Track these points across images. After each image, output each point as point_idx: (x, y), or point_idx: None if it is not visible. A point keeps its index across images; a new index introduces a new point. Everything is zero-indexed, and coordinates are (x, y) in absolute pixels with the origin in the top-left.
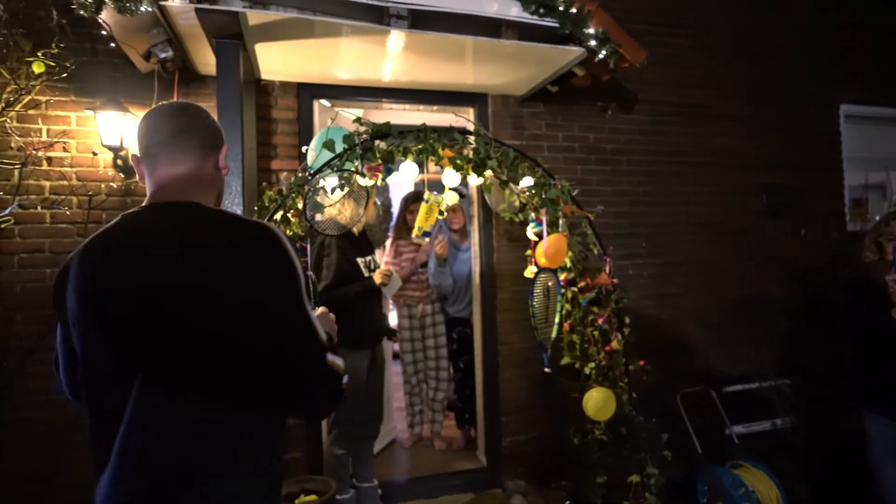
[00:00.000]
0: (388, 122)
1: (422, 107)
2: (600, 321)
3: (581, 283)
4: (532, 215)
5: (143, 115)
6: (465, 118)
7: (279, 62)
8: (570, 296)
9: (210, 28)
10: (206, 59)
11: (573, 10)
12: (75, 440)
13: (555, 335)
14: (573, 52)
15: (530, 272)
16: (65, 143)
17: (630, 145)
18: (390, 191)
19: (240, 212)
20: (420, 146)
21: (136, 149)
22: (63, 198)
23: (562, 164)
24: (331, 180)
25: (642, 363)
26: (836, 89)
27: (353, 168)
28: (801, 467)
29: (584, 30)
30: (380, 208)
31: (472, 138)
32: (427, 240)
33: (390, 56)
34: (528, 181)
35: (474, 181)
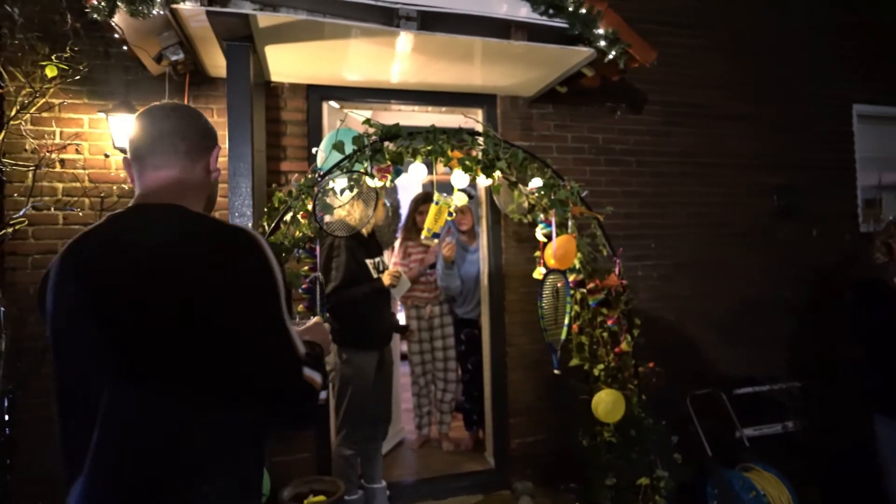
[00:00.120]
0: (397, 124)
1: (430, 108)
2: (609, 323)
3: (590, 285)
4: (541, 216)
5: (135, 117)
6: (473, 119)
7: (289, 64)
8: (578, 297)
9: (221, 30)
10: (217, 62)
11: (583, 11)
12: None
13: (564, 337)
14: (583, 52)
15: (539, 273)
16: (77, 145)
17: (639, 146)
18: (399, 192)
19: (250, 213)
20: (429, 147)
21: None
22: (76, 199)
23: (571, 165)
24: (340, 182)
25: (651, 365)
26: (848, 89)
27: (362, 169)
28: (813, 470)
29: (594, 30)
30: (389, 209)
31: (481, 139)
32: (436, 241)
33: (399, 57)
34: (537, 182)
35: (483, 182)
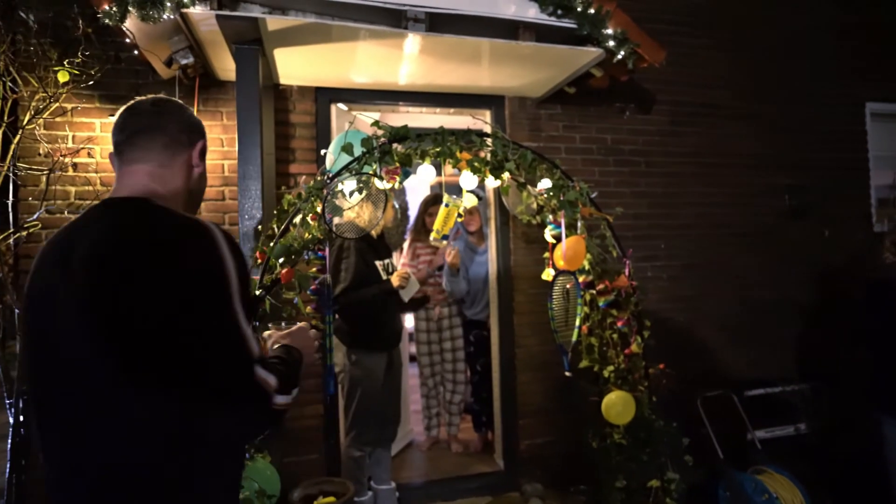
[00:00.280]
0: (405, 126)
1: (438, 109)
2: (620, 324)
3: (600, 286)
4: (550, 217)
5: (118, 111)
6: (482, 120)
7: (297, 67)
8: (588, 298)
9: (230, 34)
10: (226, 65)
11: (591, 11)
12: None
13: (575, 339)
14: (591, 52)
15: (548, 275)
16: (90, 149)
17: (648, 146)
18: (407, 194)
19: (259, 215)
20: (438, 149)
21: None
22: (88, 203)
23: (579, 166)
24: (349, 184)
25: (662, 366)
26: (861, 87)
27: (371, 171)
28: (826, 473)
29: (603, 30)
30: (398, 211)
31: (489, 140)
32: (445, 243)
33: (407, 59)
34: (546, 183)
35: (491, 183)
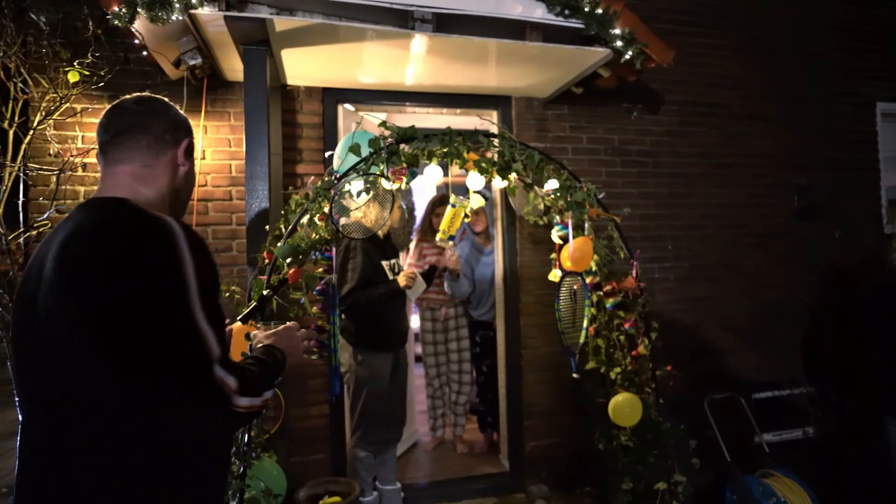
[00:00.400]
0: (413, 126)
1: (445, 110)
2: (627, 325)
3: (607, 287)
4: (557, 218)
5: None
6: (489, 121)
7: (304, 67)
8: (595, 299)
9: (238, 35)
10: (234, 66)
11: (599, 11)
12: None
13: (583, 340)
14: (599, 53)
15: (555, 276)
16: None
17: (656, 147)
18: (413, 194)
19: (266, 216)
20: (445, 149)
21: None
22: None
23: (587, 167)
24: (356, 184)
25: (669, 368)
26: (872, 87)
27: (378, 172)
28: (835, 477)
29: (611, 30)
30: (405, 211)
31: (496, 141)
32: (451, 243)
33: (414, 59)
34: (553, 184)
35: (498, 184)
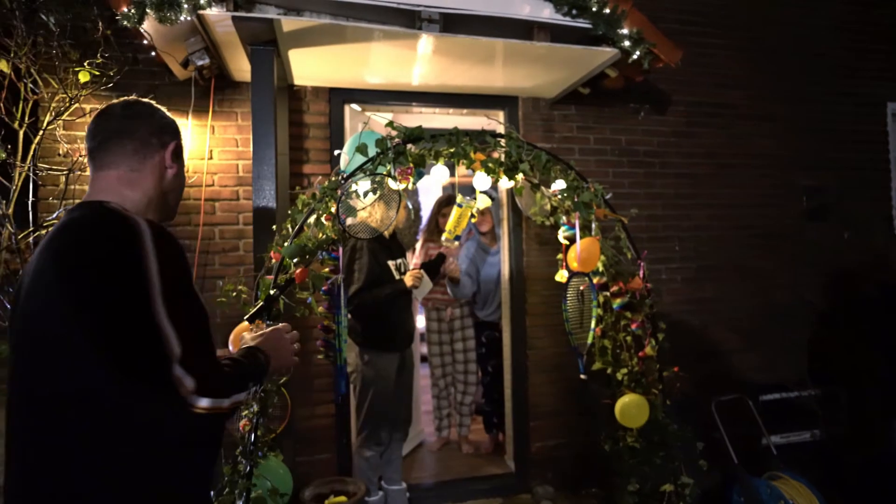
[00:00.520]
0: (420, 126)
1: (451, 110)
2: (634, 326)
3: (614, 288)
4: (563, 219)
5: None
6: (496, 121)
7: (312, 67)
8: (601, 300)
9: (246, 35)
10: (241, 66)
11: (607, 11)
12: None
13: (590, 341)
14: (606, 53)
15: (562, 276)
16: None
17: (663, 147)
18: (419, 194)
19: (273, 216)
20: (452, 150)
21: None
22: None
23: (593, 167)
24: (363, 184)
25: (676, 369)
26: (882, 87)
27: (385, 172)
28: (844, 480)
29: (618, 30)
30: (411, 211)
31: (503, 141)
32: (457, 243)
33: (421, 60)
34: (560, 184)
35: (505, 184)
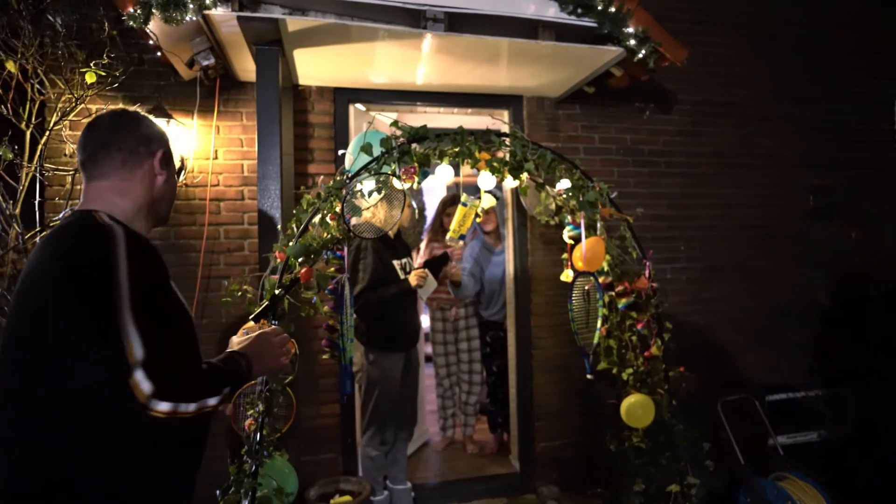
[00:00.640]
0: (425, 126)
1: (456, 109)
2: (639, 326)
3: (619, 287)
4: (568, 218)
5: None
6: (501, 121)
7: (316, 67)
8: (607, 300)
9: (251, 35)
10: (247, 66)
11: (612, 10)
12: None
13: (596, 341)
14: (612, 52)
15: (567, 276)
16: None
17: (669, 146)
18: (424, 194)
19: (278, 215)
20: (457, 149)
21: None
22: None
23: (598, 167)
24: (368, 183)
25: (682, 369)
26: (890, 85)
27: (389, 171)
28: (852, 481)
29: (624, 29)
30: (415, 210)
31: (508, 140)
32: (462, 243)
33: (425, 59)
34: (565, 183)
35: (509, 184)
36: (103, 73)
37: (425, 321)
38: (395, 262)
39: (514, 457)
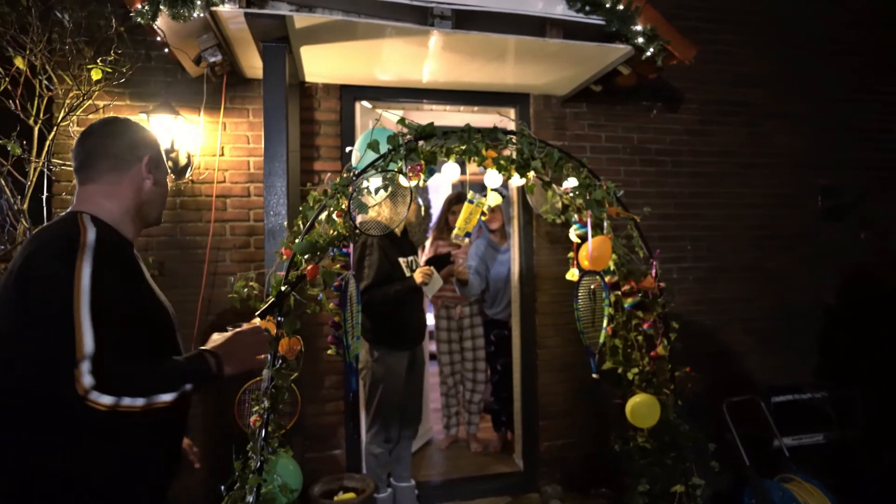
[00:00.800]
0: (431, 123)
1: (462, 107)
2: (645, 326)
3: (625, 287)
4: (575, 217)
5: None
6: (508, 118)
7: (323, 65)
8: (613, 299)
9: (258, 32)
10: (253, 63)
11: (620, 7)
12: None
13: (602, 340)
14: (620, 50)
15: (573, 275)
16: None
17: (676, 146)
18: (429, 192)
19: (284, 212)
20: (463, 147)
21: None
22: None
23: (605, 166)
24: (375, 181)
25: (688, 370)
26: None
27: (396, 169)
28: (858, 483)
29: (632, 27)
30: (421, 208)
31: (515, 139)
32: (467, 240)
33: (432, 57)
34: (572, 182)
35: (516, 182)
36: (110, 70)
37: (430, 319)
38: (401, 260)
39: (518, 455)
